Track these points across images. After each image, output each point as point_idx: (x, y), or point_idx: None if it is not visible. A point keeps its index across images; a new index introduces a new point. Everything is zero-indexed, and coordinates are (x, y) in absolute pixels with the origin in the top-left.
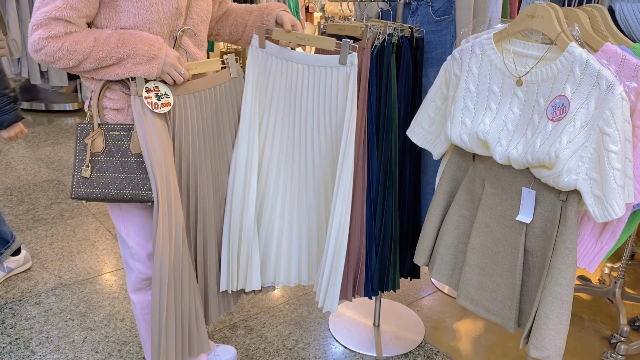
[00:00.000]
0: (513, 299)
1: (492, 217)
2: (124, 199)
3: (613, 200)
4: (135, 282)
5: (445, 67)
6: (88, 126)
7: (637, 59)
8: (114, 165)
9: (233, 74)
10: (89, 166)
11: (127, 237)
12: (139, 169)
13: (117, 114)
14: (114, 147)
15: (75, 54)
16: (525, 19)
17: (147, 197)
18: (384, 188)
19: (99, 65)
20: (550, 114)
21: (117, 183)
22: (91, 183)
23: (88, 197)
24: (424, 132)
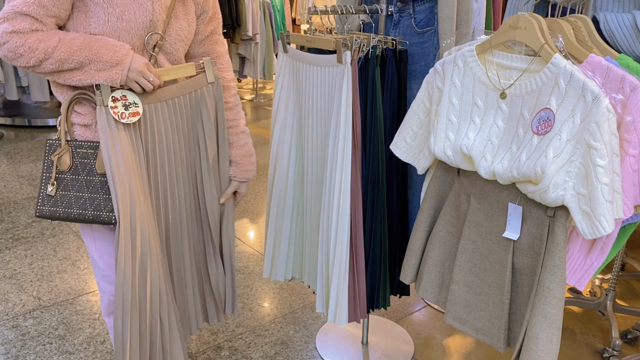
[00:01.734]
0: (502, 317)
1: (478, 233)
2: (85, 219)
3: (602, 216)
4: (108, 304)
5: (427, 80)
6: (56, 142)
7: (623, 70)
8: (79, 184)
9: (210, 78)
10: (54, 184)
11: (98, 259)
12: (103, 188)
13: (86, 130)
14: (80, 165)
15: (37, 52)
16: (508, 30)
17: (108, 219)
18: (372, 203)
19: (60, 67)
20: (535, 128)
21: (80, 203)
22: (55, 201)
23: (51, 215)
24: (408, 146)
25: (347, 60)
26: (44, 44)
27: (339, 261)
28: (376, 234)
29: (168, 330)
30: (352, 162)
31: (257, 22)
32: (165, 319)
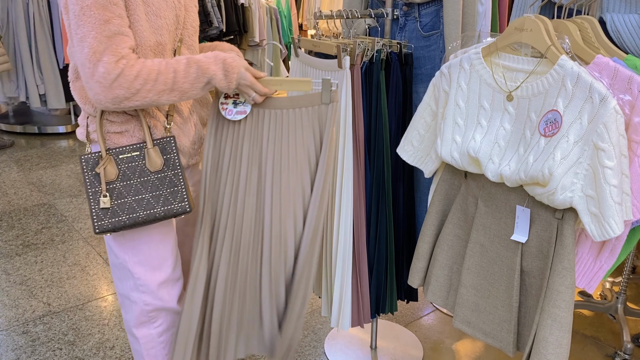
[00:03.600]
0: (510, 321)
1: (486, 236)
2: (156, 218)
3: (610, 217)
4: (140, 315)
5: (433, 84)
6: (93, 156)
7: (630, 71)
8: (134, 188)
9: (325, 99)
10: (107, 195)
11: (133, 268)
12: (163, 184)
13: (121, 137)
14: (129, 170)
15: (156, 84)
16: (514, 32)
17: (182, 209)
18: (377, 207)
19: (181, 96)
20: (542, 130)
21: (144, 204)
22: (114, 212)
23: (115, 227)
24: (414, 149)
25: (346, 65)
26: (162, 75)
27: (342, 265)
28: (381, 238)
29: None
30: (354, 166)
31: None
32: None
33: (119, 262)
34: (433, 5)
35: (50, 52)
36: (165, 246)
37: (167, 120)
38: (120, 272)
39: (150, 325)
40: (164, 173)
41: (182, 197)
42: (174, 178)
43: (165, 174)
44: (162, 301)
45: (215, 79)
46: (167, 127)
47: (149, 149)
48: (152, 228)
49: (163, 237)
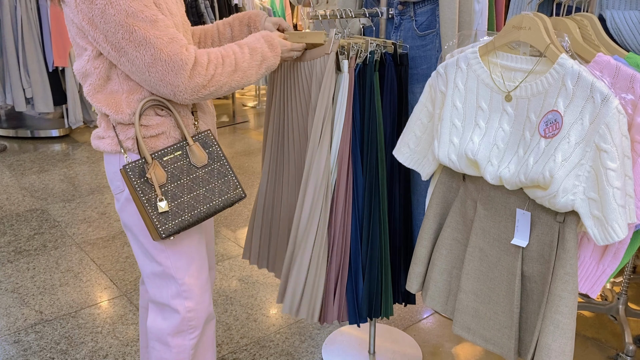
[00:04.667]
0: (512, 327)
1: (485, 240)
2: (217, 209)
3: (614, 221)
4: (180, 323)
5: (430, 84)
6: (137, 163)
7: (632, 69)
8: (187, 186)
9: (327, 48)
10: (163, 199)
11: (176, 274)
12: (213, 177)
13: (157, 140)
14: (176, 170)
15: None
16: (511, 30)
17: (237, 197)
18: (370, 209)
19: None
20: (542, 131)
21: (201, 199)
22: (175, 214)
23: (180, 227)
24: (411, 151)
25: (345, 69)
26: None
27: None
28: (374, 241)
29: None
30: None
31: None
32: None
33: (160, 269)
34: (429, 3)
35: (38, 56)
36: (202, 248)
37: (193, 117)
38: (161, 280)
39: (187, 336)
40: (210, 166)
41: (235, 184)
42: (222, 168)
43: (212, 167)
44: (204, 305)
45: (265, 54)
46: (195, 123)
47: (191, 145)
48: (192, 231)
49: (199, 238)
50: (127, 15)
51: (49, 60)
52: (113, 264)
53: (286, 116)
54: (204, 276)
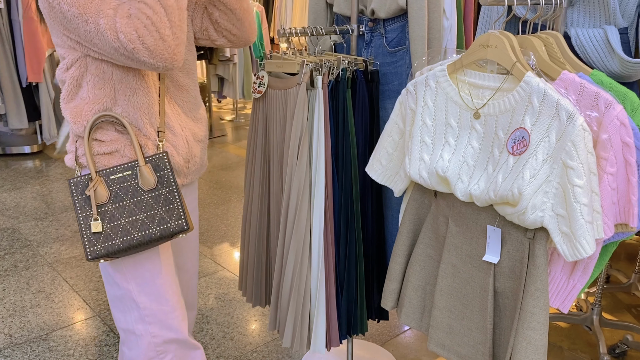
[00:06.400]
0: (485, 343)
1: (458, 257)
2: (152, 238)
3: (582, 237)
4: (147, 349)
5: (400, 101)
6: (82, 178)
7: (597, 87)
8: (128, 209)
9: (299, 79)
10: (98, 219)
11: (138, 298)
12: (158, 203)
13: (111, 158)
14: (121, 191)
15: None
16: (478, 49)
17: (178, 228)
18: (346, 226)
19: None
20: (510, 148)
21: (139, 225)
22: (107, 236)
23: (108, 251)
24: (383, 168)
25: (319, 85)
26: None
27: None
28: (351, 258)
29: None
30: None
31: None
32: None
33: (121, 293)
34: (399, 20)
35: (11, 71)
36: (168, 273)
37: (158, 138)
38: (123, 304)
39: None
40: (158, 191)
41: (179, 214)
42: (169, 195)
43: (159, 191)
44: (172, 331)
45: None
46: (159, 144)
47: (141, 166)
48: (154, 254)
49: (166, 263)
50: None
51: (22, 75)
52: (86, 283)
53: (268, 146)
54: (170, 302)
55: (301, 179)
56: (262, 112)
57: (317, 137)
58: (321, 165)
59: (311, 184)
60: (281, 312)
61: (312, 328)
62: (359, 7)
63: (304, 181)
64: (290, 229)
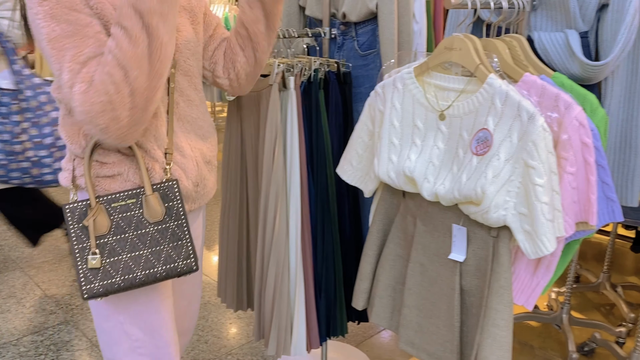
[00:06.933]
0: (453, 341)
1: (425, 255)
2: (157, 279)
3: (543, 235)
4: None
5: (369, 103)
6: (80, 205)
7: (557, 89)
8: (130, 242)
9: (270, 80)
10: (97, 253)
11: (129, 329)
12: (164, 238)
13: (113, 182)
14: (124, 222)
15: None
16: (443, 51)
17: (187, 268)
18: (322, 227)
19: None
20: (474, 148)
21: (142, 263)
22: (106, 273)
23: (107, 290)
24: (354, 169)
25: (291, 85)
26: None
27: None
28: (329, 260)
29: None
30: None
31: None
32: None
33: (110, 325)
34: (370, 24)
35: None
36: (165, 309)
37: (166, 160)
38: (110, 336)
39: None
40: (165, 224)
41: (188, 252)
42: (178, 230)
43: (167, 225)
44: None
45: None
46: (166, 168)
47: (148, 195)
48: (151, 288)
49: (163, 298)
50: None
51: None
52: (59, 288)
53: (244, 148)
54: (165, 338)
55: (277, 181)
56: (236, 114)
57: (290, 139)
58: (296, 166)
59: (287, 188)
60: (265, 320)
61: (292, 331)
62: (330, 11)
63: (281, 183)
64: (269, 234)
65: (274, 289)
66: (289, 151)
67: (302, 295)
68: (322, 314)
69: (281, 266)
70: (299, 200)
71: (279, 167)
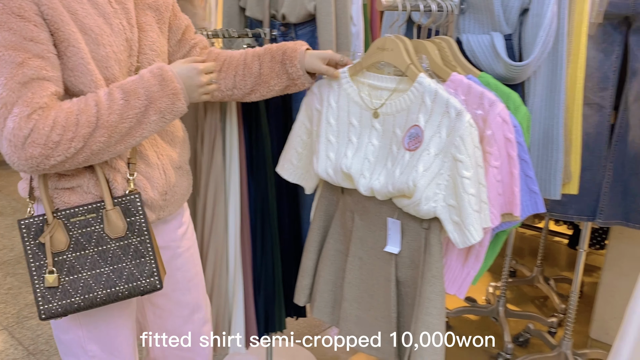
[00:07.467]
0: (390, 332)
1: (363, 249)
2: (119, 297)
3: (470, 225)
4: None
5: (306, 102)
6: (36, 220)
7: (483, 88)
8: (90, 259)
9: None
10: (53, 272)
11: (87, 345)
12: (127, 255)
13: (72, 194)
14: (83, 237)
15: (79, 128)
16: (376, 52)
17: (150, 287)
18: (262, 226)
19: (112, 135)
20: (406, 144)
21: (103, 281)
22: (64, 292)
23: (66, 310)
24: (294, 167)
25: None
26: (83, 115)
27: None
28: (267, 257)
29: None
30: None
31: None
32: None
33: (68, 337)
34: (309, 25)
35: None
36: (125, 325)
37: (129, 171)
38: (69, 348)
39: None
40: (127, 240)
41: (151, 270)
42: (140, 246)
43: (129, 241)
44: None
45: (152, 95)
46: (129, 178)
47: (109, 210)
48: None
49: (124, 314)
50: None
51: None
52: None
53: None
54: (123, 355)
55: (216, 180)
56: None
57: (230, 138)
58: (235, 166)
59: (226, 186)
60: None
61: (231, 328)
62: (270, 12)
63: (219, 183)
64: (207, 233)
65: (212, 287)
66: (228, 151)
67: (241, 292)
68: (260, 311)
69: (219, 264)
70: (238, 199)
71: (217, 167)
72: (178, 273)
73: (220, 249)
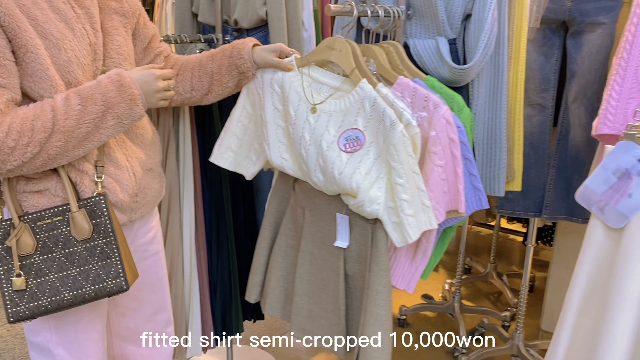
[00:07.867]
0: (339, 324)
1: (314, 244)
2: (85, 299)
3: (406, 226)
4: None
5: (247, 87)
6: (3, 225)
7: (428, 90)
8: (57, 262)
9: None
10: (21, 274)
11: (55, 349)
12: (93, 257)
13: (40, 197)
14: (50, 240)
15: (35, 133)
16: (324, 49)
17: (116, 288)
18: (217, 228)
19: (68, 140)
20: (343, 146)
21: (70, 283)
22: (32, 295)
23: (34, 313)
24: (235, 154)
25: None
26: (39, 120)
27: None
28: (223, 260)
29: None
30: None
31: None
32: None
33: (39, 340)
34: (261, 30)
35: None
36: (94, 328)
37: (97, 173)
38: (38, 351)
39: None
40: (93, 242)
41: (117, 272)
42: (107, 248)
43: (95, 243)
44: None
45: (110, 101)
46: (97, 180)
47: (74, 212)
48: (80, 307)
49: (93, 317)
50: None
51: None
52: None
53: None
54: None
55: (170, 185)
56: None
57: (183, 142)
58: (189, 170)
59: (180, 190)
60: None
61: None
62: (223, 17)
63: (173, 187)
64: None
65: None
66: (182, 154)
67: (197, 296)
68: (217, 314)
69: (175, 269)
70: (193, 204)
71: (171, 171)
72: (144, 275)
73: (175, 253)
